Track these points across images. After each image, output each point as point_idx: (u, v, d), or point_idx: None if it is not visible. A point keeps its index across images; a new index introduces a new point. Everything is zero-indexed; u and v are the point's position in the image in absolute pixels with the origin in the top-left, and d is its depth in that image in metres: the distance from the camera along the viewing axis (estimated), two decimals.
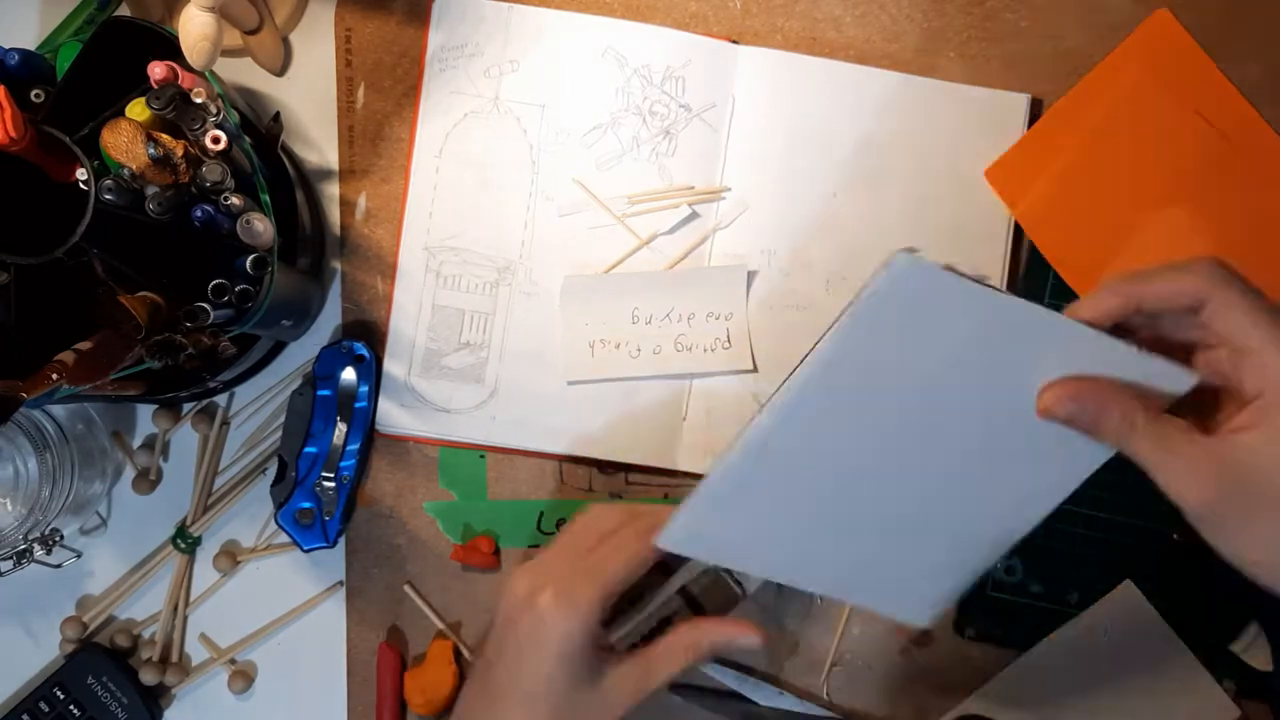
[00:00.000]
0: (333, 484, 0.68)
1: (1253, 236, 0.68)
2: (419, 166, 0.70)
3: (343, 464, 0.68)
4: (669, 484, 0.70)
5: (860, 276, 0.69)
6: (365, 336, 0.70)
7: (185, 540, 0.70)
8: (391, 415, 0.69)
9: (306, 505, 0.68)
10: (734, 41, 0.70)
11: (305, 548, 0.68)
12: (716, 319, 0.69)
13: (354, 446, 0.68)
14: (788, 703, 0.69)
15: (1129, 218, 0.69)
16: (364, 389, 0.68)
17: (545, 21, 0.70)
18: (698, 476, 0.68)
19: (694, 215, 0.68)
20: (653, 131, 0.69)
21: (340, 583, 0.70)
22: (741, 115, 0.70)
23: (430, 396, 0.69)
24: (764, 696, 0.69)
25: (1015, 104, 0.69)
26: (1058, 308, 0.65)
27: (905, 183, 0.69)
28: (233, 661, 0.71)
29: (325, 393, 0.68)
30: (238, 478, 0.71)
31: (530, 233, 0.70)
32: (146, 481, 0.71)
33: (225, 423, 0.71)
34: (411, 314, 0.70)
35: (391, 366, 0.70)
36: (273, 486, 0.69)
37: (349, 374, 0.69)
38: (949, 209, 0.69)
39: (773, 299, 0.69)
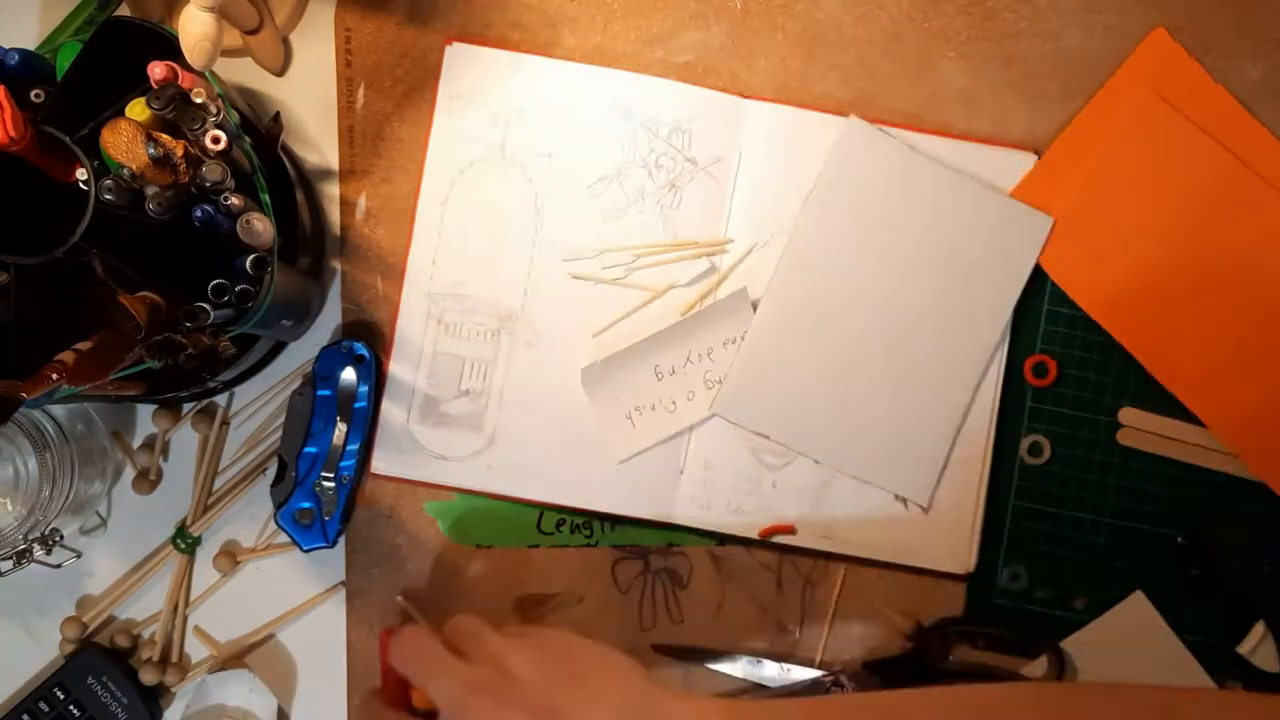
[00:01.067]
0: (332, 484, 0.68)
1: (1271, 254, 0.68)
2: (424, 212, 0.70)
3: (342, 464, 0.68)
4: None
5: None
6: (365, 336, 0.70)
7: (185, 540, 0.70)
8: (388, 460, 0.69)
9: (306, 505, 0.68)
10: (742, 96, 0.70)
11: (305, 548, 0.68)
12: (733, 343, 0.69)
13: (354, 446, 0.68)
14: (796, 674, 0.69)
15: (1145, 242, 0.69)
16: (364, 389, 0.68)
17: (554, 72, 0.69)
18: (696, 531, 0.69)
19: (712, 269, 0.69)
20: (658, 184, 0.69)
21: (341, 583, 0.70)
22: (748, 170, 0.69)
23: (428, 443, 0.69)
24: (773, 676, 0.69)
25: (1021, 162, 0.69)
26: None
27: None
28: (233, 659, 0.71)
29: (325, 393, 0.68)
30: (238, 478, 0.71)
31: (533, 282, 0.69)
32: (146, 481, 0.71)
33: (225, 423, 0.71)
34: (412, 359, 0.69)
35: (390, 412, 0.69)
36: (273, 486, 0.69)
37: (349, 374, 0.69)
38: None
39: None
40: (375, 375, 0.69)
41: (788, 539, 0.69)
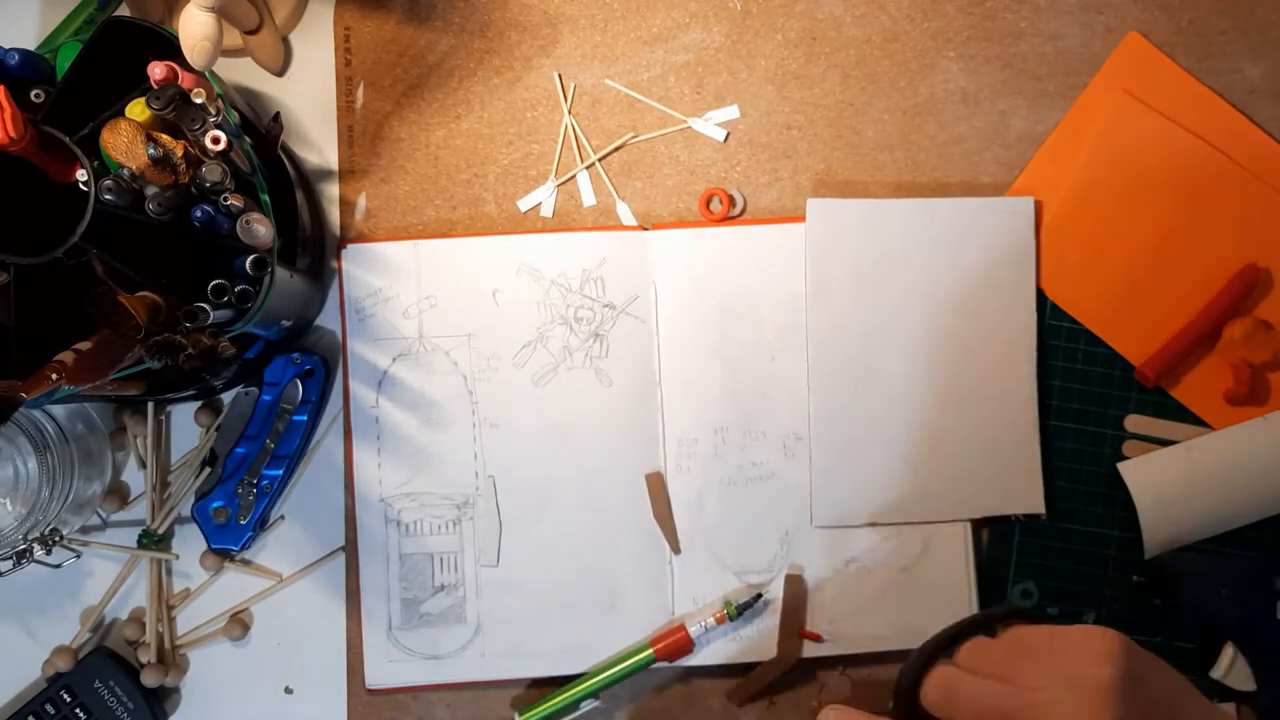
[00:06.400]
0: (254, 490, 0.68)
1: (1271, 247, 0.68)
2: (358, 423, 0.69)
3: (267, 471, 0.68)
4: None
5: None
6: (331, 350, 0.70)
7: (152, 539, 0.70)
8: (381, 672, 0.69)
9: (221, 504, 0.68)
10: (643, 229, 0.69)
11: (213, 545, 0.69)
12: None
13: (281, 456, 0.68)
14: None
15: (1135, 247, 0.68)
16: (307, 404, 0.68)
17: (453, 252, 0.69)
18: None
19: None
20: (582, 337, 0.69)
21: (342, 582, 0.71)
22: (666, 300, 0.69)
23: (416, 647, 0.69)
24: None
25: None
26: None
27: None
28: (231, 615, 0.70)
29: (267, 398, 0.69)
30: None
31: (482, 463, 0.69)
32: (117, 497, 0.71)
33: (161, 426, 0.70)
34: (380, 567, 0.69)
35: (370, 626, 0.69)
36: (196, 477, 0.69)
37: (295, 386, 0.69)
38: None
39: (735, 475, 0.69)
40: (321, 392, 0.69)
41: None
